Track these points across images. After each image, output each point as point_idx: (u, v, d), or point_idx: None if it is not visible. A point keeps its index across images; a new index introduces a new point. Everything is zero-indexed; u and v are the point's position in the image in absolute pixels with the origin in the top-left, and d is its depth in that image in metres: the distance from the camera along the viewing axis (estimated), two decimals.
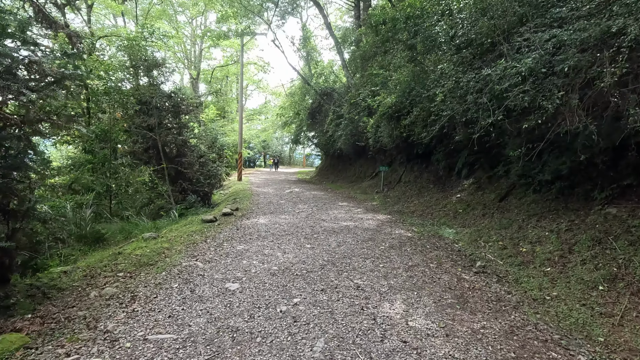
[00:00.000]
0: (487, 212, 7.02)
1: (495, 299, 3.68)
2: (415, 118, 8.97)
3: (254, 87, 40.86)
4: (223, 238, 5.87)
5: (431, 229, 7.05)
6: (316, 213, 8.75)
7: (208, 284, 3.79)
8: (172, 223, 8.58)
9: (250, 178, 21.14)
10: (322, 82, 20.44)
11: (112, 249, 5.85)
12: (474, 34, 6.25)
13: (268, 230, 6.58)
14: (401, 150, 13.01)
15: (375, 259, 4.85)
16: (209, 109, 22.17)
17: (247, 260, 4.67)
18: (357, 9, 19.81)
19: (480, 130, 6.08)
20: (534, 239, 5.04)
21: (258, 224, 7.13)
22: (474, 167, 9.42)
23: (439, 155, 10.54)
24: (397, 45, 8.36)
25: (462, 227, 6.90)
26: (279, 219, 7.86)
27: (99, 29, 16.16)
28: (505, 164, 7.87)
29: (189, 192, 12.39)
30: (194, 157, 13.54)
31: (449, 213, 8.09)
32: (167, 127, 12.56)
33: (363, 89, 12.31)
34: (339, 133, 15.33)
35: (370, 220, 7.97)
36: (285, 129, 26.67)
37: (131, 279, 3.88)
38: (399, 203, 10.53)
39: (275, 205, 9.94)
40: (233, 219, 7.63)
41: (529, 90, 4.28)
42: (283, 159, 45.59)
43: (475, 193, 8.46)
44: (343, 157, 19.86)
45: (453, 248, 5.66)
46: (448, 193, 9.59)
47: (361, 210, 9.41)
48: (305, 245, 5.56)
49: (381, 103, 10.68)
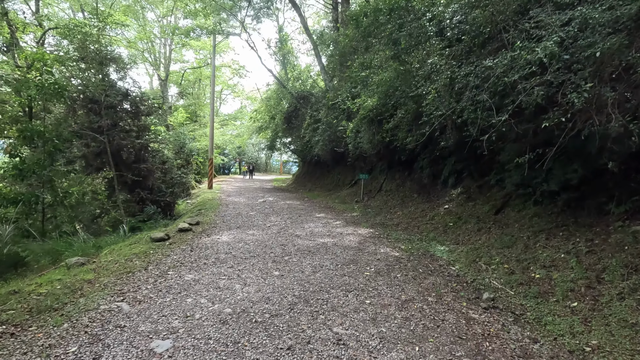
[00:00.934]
0: (482, 227, 6.20)
1: (521, 353, 2.76)
2: (399, 121, 8.14)
3: (229, 91, 39.44)
4: (170, 264, 4.69)
5: (420, 246, 6.15)
6: (290, 227, 7.69)
7: (125, 344, 2.64)
8: (120, 240, 7.26)
9: (222, 186, 19.77)
10: (299, 85, 19.50)
11: (26, 279, 4.54)
12: (467, 25, 5.49)
13: (230, 251, 5.45)
14: (382, 156, 12.20)
15: (360, 292, 3.84)
16: (177, 112, 20.69)
17: (193, 298, 3.54)
18: (335, 11, 19.13)
19: (477, 133, 5.28)
20: (547, 262, 4.21)
21: (219, 243, 5.97)
22: (462, 175, 8.68)
23: (424, 163, 9.77)
24: (379, 40, 7.52)
25: (455, 244, 6.04)
26: (246, 235, 6.73)
27: (53, 24, 14.52)
28: (499, 172, 7.14)
29: (148, 203, 11.01)
30: (156, 163, 12.18)
31: (437, 227, 7.24)
32: (125, 130, 11.18)
33: (342, 91, 11.45)
34: (317, 138, 14.38)
35: (351, 235, 6.99)
36: (261, 134, 25.49)
37: (11, 340, 2.67)
38: (381, 214, 9.64)
39: (244, 218, 8.79)
40: (190, 236, 6.43)
41: (550, 82, 3.46)
42: (259, 166, 44.15)
43: (465, 204, 7.68)
44: (321, 164, 18.92)
45: (450, 272, 4.76)
46: (434, 203, 8.79)
47: (340, 222, 8.43)
48: (273, 272, 4.48)
49: (362, 106, 9.83)
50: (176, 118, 20.27)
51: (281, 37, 21.98)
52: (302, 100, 17.59)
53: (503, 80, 4.27)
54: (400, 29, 6.91)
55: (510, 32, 4.50)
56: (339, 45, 11.38)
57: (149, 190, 11.15)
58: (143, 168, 10.84)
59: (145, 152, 11.81)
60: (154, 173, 11.44)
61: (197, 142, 21.19)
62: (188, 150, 17.74)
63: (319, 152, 15.04)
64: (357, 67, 9.24)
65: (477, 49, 5.13)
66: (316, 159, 17.68)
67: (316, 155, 16.31)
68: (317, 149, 14.73)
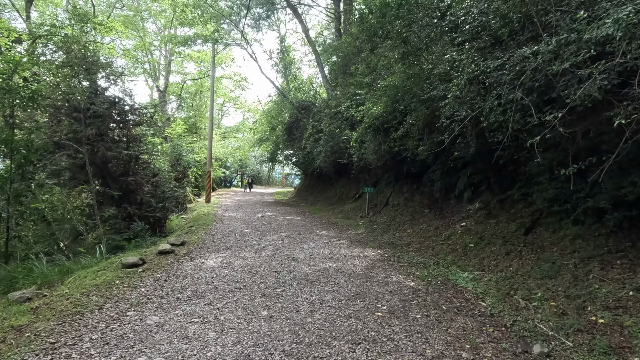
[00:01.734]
0: (511, 250, 5.28)
1: None
2: (409, 129, 7.31)
3: (231, 104, 39.05)
4: (134, 300, 3.80)
5: (438, 272, 5.22)
6: (287, 247, 6.79)
7: None
8: (94, 263, 6.39)
9: (221, 200, 18.95)
10: (300, 95, 18.86)
11: None
12: (490, 15, 4.71)
13: (212, 280, 4.56)
14: (388, 168, 11.34)
15: (371, 345, 2.93)
16: (175, 124, 20.06)
17: (146, 357, 2.65)
18: (338, 22, 18.65)
19: (507, 138, 4.43)
20: (610, 302, 3.28)
21: (202, 269, 5.09)
22: (479, 188, 7.80)
23: (435, 175, 8.89)
24: (387, 38, 6.76)
25: (479, 270, 5.11)
26: (236, 258, 5.84)
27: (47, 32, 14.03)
28: (525, 185, 6.26)
29: (136, 219, 10.16)
30: (147, 175, 11.40)
31: (455, 248, 6.32)
32: (115, 140, 10.46)
33: (344, 98, 10.69)
34: (318, 150, 13.57)
35: (357, 258, 6.08)
36: (262, 146, 24.80)
37: None
38: (389, 232, 8.73)
39: (238, 236, 7.91)
40: (170, 260, 5.54)
41: (624, 66, 2.62)
42: (261, 178, 43.41)
43: (485, 221, 6.77)
44: (323, 177, 18.09)
45: (481, 310, 3.83)
46: (449, 220, 7.88)
47: (344, 242, 7.52)
48: (261, 311, 3.58)
49: (367, 113, 9.04)
50: (174, 129, 19.61)
51: (282, 48, 21.52)
52: (303, 110, 16.91)
53: (545, 71, 3.45)
54: (410, 26, 6.17)
55: (551, 15, 3.69)
56: (342, 46, 10.67)
57: (137, 205, 10.31)
58: (131, 181, 10.03)
59: (136, 164, 11.05)
60: (143, 186, 10.63)
61: (196, 155, 20.48)
62: (185, 162, 16.99)
63: (321, 164, 14.23)
64: (361, 71, 8.47)
65: (506, 40, 4.32)
66: (318, 171, 16.87)
67: (318, 168, 15.50)
68: (319, 160, 13.92)
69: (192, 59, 25.95)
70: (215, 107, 37.72)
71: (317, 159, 14.18)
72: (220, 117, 41.28)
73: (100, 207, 10.36)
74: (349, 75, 12.33)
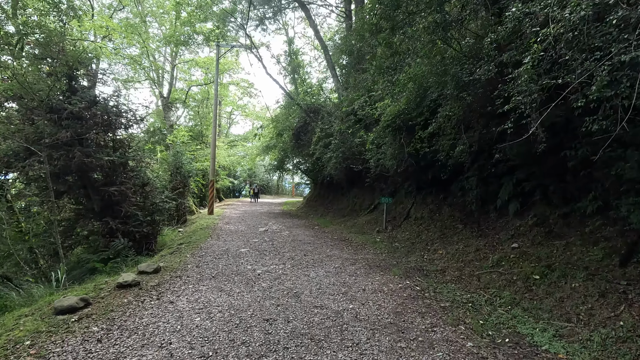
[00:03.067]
0: (607, 290, 3.66)
1: None
2: (443, 123, 5.79)
3: (239, 112, 38.11)
4: None
5: (500, 323, 3.64)
6: (288, 275, 5.29)
7: None
8: (46, 295, 5.01)
9: (225, 211, 17.62)
10: (309, 99, 17.55)
11: None
12: None
13: (170, 339, 3.09)
14: (409, 175, 9.75)
15: None
16: (177, 131, 18.96)
17: None
18: (349, 20, 17.41)
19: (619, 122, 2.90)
20: None
21: (165, 316, 3.63)
22: (531, 198, 6.17)
23: (470, 182, 7.28)
24: (414, 12, 5.30)
25: (564, 321, 3.51)
26: (218, 295, 4.37)
27: None
28: (603, 195, 4.66)
29: (119, 234, 8.83)
30: (136, 185, 10.11)
31: (512, 279, 4.71)
32: (100, 145, 9.25)
33: (358, 94, 9.23)
34: (329, 155, 12.11)
35: (381, 293, 4.53)
36: (270, 155, 23.54)
37: None
38: (415, 252, 7.15)
39: (230, 259, 6.45)
40: (128, 299, 4.10)
41: None
42: (270, 188, 42.14)
43: (546, 242, 5.16)
44: (334, 186, 16.59)
45: None
46: (492, 239, 6.26)
47: (361, 266, 5.98)
48: None
49: (385, 111, 7.58)
50: (176, 137, 18.50)
51: (291, 50, 20.40)
52: (312, 113, 15.54)
53: None
54: None
55: None
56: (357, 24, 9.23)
57: (121, 219, 8.98)
58: (114, 192, 8.72)
59: (124, 171, 9.79)
60: (129, 197, 9.31)
61: (200, 163, 19.29)
62: (185, 171, 15.77)
63: (331, 172, 12.76)
64: (381, 53, 6.99)
65: None
66: (328, 179, 15.40)
67: (328, 175, 14.04)
68: (329, 167, 12.45)
69: (198, 65, 25.06)
70: (224, 115, 36.89)
71: (327, 166, 12.72)
72: (229, 125, 40.39)
73: (79, 222, 9.10)
74: (362, 72, 10.93)
